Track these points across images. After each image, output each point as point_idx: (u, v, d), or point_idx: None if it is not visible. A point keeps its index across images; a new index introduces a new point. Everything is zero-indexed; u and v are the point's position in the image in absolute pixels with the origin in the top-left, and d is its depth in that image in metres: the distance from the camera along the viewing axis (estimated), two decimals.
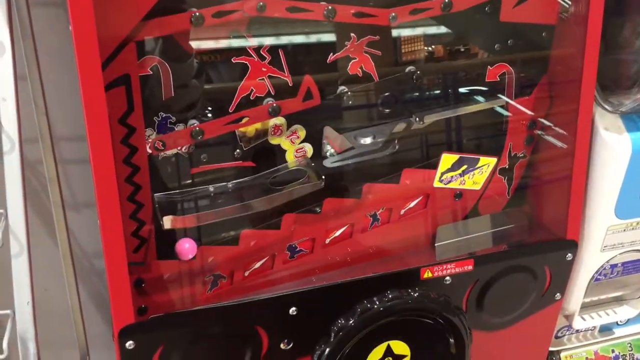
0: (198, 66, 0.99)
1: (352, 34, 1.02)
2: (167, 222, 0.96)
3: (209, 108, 1.00)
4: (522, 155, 1.23)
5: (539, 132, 1.21)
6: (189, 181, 1.03)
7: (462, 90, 1.20)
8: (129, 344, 0.93)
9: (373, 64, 1.05)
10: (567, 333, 1.40)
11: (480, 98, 1.19)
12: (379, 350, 1.08)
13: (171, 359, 0.97)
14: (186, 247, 1.02)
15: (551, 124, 1.18)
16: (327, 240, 1.13)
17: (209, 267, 1.06)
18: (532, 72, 1.17)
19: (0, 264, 0.94)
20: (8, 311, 0.87)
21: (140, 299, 1.01)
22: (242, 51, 0.97)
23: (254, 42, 0.97)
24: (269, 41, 0.98)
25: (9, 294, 0.90)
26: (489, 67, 1.13)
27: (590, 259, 1.23)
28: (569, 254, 1.19)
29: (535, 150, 1.23)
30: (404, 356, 1.10)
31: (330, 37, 1.05)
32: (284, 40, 1.01)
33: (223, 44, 0.98)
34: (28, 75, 1.11)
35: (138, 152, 0.94)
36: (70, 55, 0.81)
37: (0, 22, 0.88)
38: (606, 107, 1.13)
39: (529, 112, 1.20)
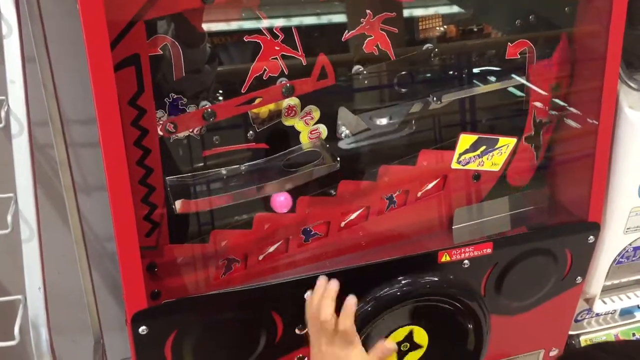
0: (210, 49, 0.96)
1: (367, 11, 0.98)
2: (179, 205, 0.95)
3: (221, 90, 0.98)
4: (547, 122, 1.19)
5: (560, 112, 1.18)
6: (202, 164, 1.01)
7: (480, 68, 1.17)
8: (142, 329, 0.92)
9: (389, 41, 1.02)
10: (587, 316, 1.38)
11: (500, 77, 1.16)
12: (396, 335, 1.06)
13: (184, 344, 0.96)
14: (281, 199, 1.01)
15: (574, 102, 1.15)
16: (343, 224, 1.11)
17: (222, 251, 1.04)
18: (554, 50, 1.14)
19: (11, 249, 0.93)
20: (19, 296, 0.86)
21: (154, 284, 0.99)
22: (254, 30, 0.94)
23: (266, 21, 0.94)
24: (282, 20, 0.95)
25: (20, 279, 0.88)
26: (509, 44, 1.10)
27: (613, 241, 1.20)
28: (591, 237, 1.16)
29: (557, 130, 1.19)
30: (420, 346, 1.08)
31: (345, 14, 1.02)
32: (298, 18, 0.98)
33: (235, 24, 0.96)
34: (37, 57, 1.09)
35: (149, 135, 0.92)
36: (79, 36, 0.78)
37: (6, 3, 0.86)
38: (631, 84, 1.10)
39: (547, 93, 1.17)
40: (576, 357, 0.84)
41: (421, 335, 1.07)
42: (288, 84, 0.96)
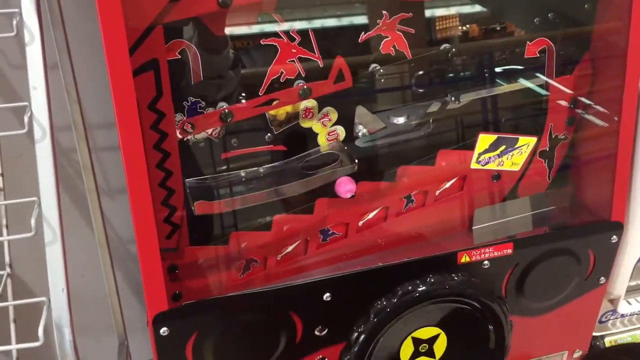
0: (233, 55, 0.97)
1: (383, 12, 0.98)
2: (199, 207, 0.96)
3: (239, 93, 0.99)
4: (564, 137, 1.18)
5: (581, 111, 1.16)
6: (220, 167, 1.02)
7: (499, 68, 1.16)
8: (163, 331, 0.93)
9: (406, 42, 1.02)
10: (611, 318, 1.35)
11: (519, 76, 1.15)
12: (416, 336, 1.06)
13: (205, 345, 0.97)
14: (348, 187, 1.02)
15: (595, 101, 1.13)
16: (361, 224, 1.11)
17: (242, 253, 1.05)
18: (574, 47, 1.12)
19: (36, 251, 0.95)
20: (44, 298, 0.88)
21: (175, 285, 1.01)
22: (271, 33, 0.95)
23: (283, 24, 0.94)
24: (299, 22, 0.96)
25: (45, 281, 0.90)
26: (527, 42, 1.09)
27: (637, 241, 1.18)
28: (614, 236, 1.15)
29: (578, 129, 1.18)
30: (434, 346, 1.08)
31: (361, 16, 1.02)
32: (314, 20, 0.99)
33: (252, 28, 0.96)
34: (59, 63, 1.11)
35: (168, 138, 0.93)
36: (100, 41, 0.80)
37: (28, 10, 0.88)
38: None
39: (570, 91, 1.15)
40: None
41: (441, 345, 1.06)
42: (305, 86, 0.97)
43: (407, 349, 1.07)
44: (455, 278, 1.03)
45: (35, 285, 1.40)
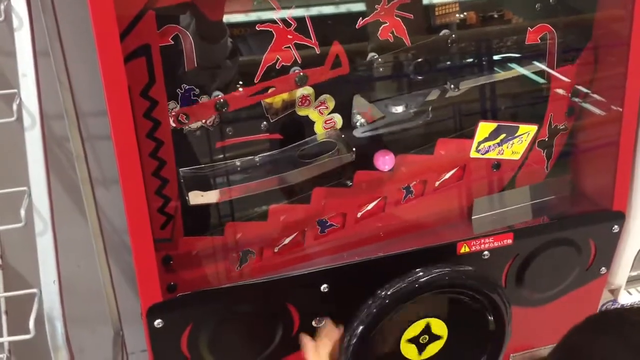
0: (231, 44, 0.95)
1: None
2: (193, 197, 0.94)
3: (234, 80, 0.97)
4: (563, 127, 1.16)
5: (580, 100, 1.15)
6: (215, 155, 1.00)
7: (499, 55, 1.14)
8: (157, 323, 0.91)
9: (405, 28, 0.99)
10: (612, 308, 1.34)
11: (519, 64, 1.13)
12: (415, 328, 1.04)
13: (200, 337, 0.96)
14: (385, 158, 1.02)
15: (597, 88, 1.11)
16: (359, 215, 1.09)
17: (238, 243, 1.03)
18: (576, 34, 1.10)
19: (30, 242, 0.93)
20: (35, 290, 0.86)
21: (169, 276, 0.99)
22: (267, 19, 0.92)
23: (279, 10, 0.92)
24: (295, 8, 0.93)
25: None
26: (529, 29, 1.07)
27: (638, 230, 1.16)
28: (616, 226, 1.13)
29: (580, 117, 1.16)
30: (440, 337, 1.06)
31: (359, 2, 1.00)
32: (311, 6, 0.96)
33: (248, 14, 0.94)
34: (50, 50, 1.08)
35: (161, 126, 0.91)
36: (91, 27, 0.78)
37: None
38: None
39: (569, 80, 1.13)
40: (609, 317, 0.82)
41: (439, 326, 1.05)
42: (301, 73, 0.95)
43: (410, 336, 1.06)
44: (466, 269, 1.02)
45: (32, 277, 1.38)
